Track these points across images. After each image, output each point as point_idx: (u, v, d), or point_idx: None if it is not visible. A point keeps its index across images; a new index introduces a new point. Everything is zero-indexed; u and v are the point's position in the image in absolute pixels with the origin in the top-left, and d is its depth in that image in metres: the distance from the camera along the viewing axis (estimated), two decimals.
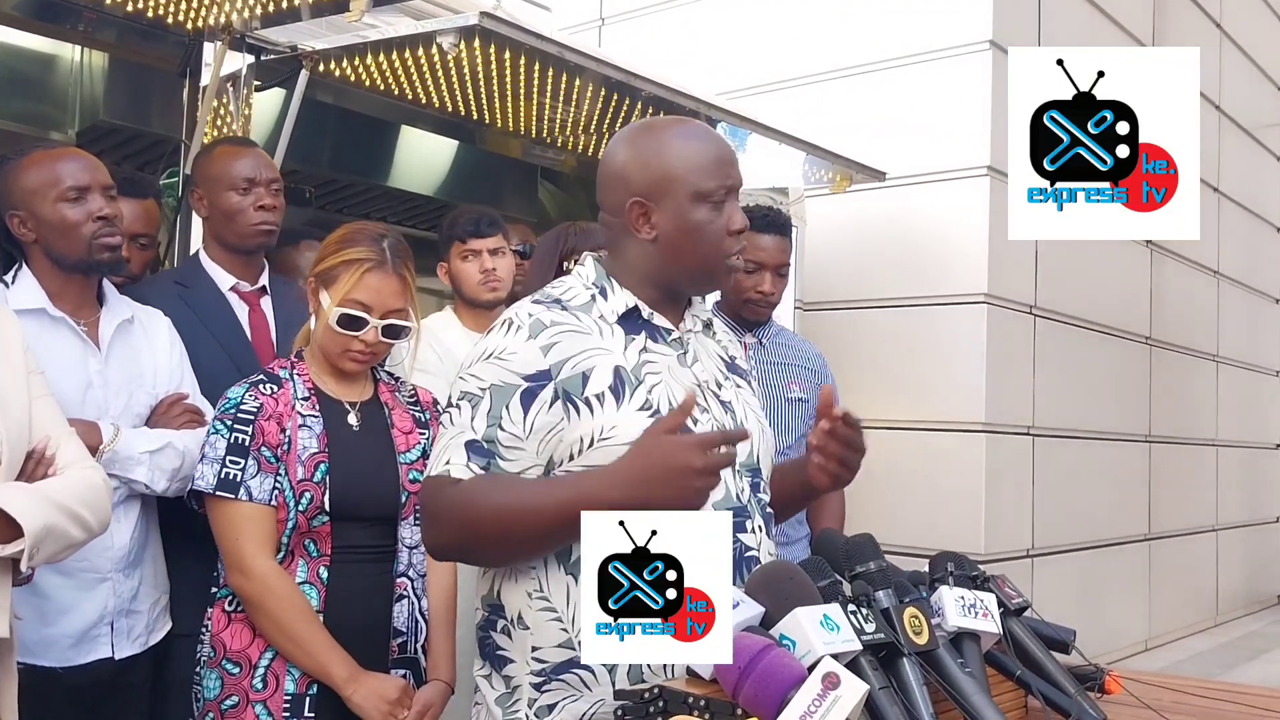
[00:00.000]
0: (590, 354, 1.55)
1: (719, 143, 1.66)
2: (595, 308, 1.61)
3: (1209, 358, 7.62)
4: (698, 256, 1.61)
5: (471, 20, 2.99)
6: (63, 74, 3.82)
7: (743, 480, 1.63)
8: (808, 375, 3.04)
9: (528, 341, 1.53)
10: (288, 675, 1.98)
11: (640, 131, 1.66)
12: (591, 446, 1.52)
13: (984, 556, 4.90)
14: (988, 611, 1.47)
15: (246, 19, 3.14)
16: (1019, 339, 5.37)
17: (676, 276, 1.64)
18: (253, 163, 2.50)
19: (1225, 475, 7.84)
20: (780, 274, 3.00)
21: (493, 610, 1.61)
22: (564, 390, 1.52)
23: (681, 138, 1.63)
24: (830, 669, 1.15)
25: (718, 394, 1.67)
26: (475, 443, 1.52)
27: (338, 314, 2.06)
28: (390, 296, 2.08)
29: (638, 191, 1.60)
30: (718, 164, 1.61)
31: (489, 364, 1.54)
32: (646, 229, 1.60)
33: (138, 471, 2.07)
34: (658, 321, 1.64)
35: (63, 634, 2.03)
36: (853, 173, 4.66)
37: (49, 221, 2.07)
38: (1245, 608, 8.12)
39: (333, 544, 2.02)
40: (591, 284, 1.64)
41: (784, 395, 2.99)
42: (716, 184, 1.59)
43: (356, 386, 2.15)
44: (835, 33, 5.54)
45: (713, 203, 1.59)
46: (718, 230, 1.60)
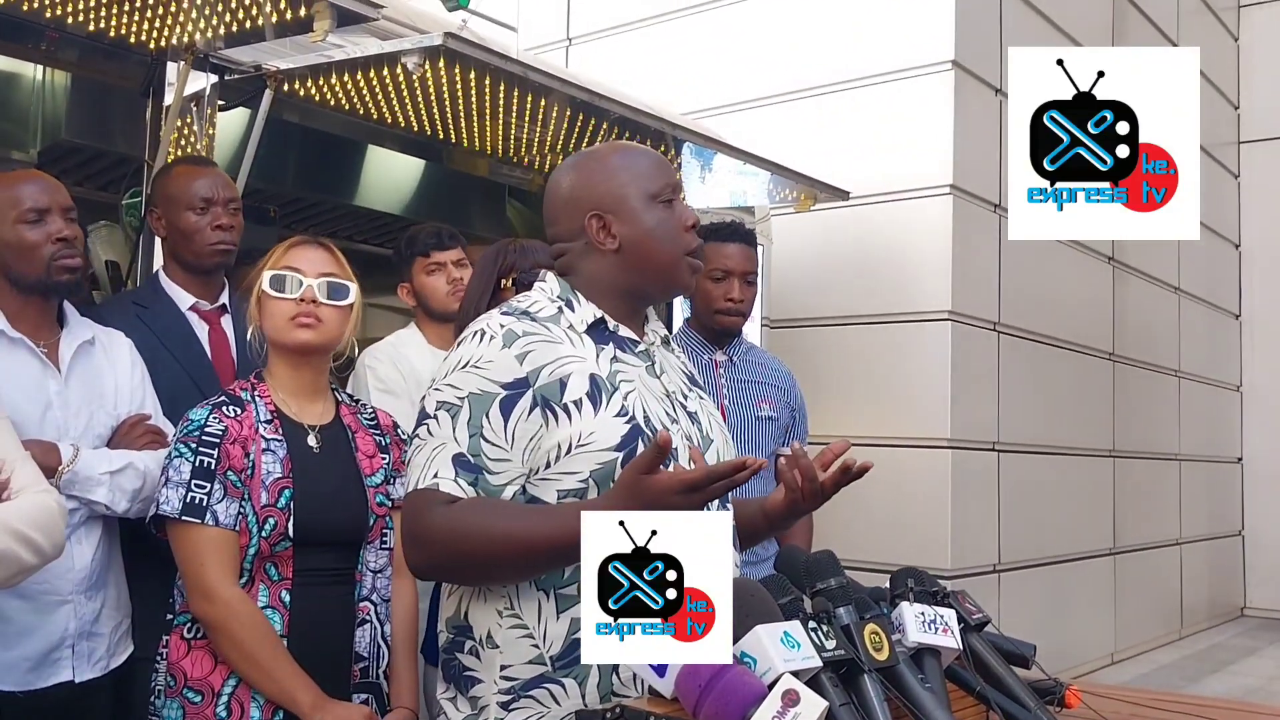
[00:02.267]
0: (564, 361, 1.57)
1: (652, 151, 1.75)
2: (563, 318, 1.63)
3: (1171, 373, 7.71)
4: (662, 256, 1.66)
5: (436, 41, 2.99)
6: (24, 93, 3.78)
7: None
8: (777, 394, 3.06)
9: (503, 350, 1.55)
10: (252, 702, 1.94)
11: (579, 158, 1.74)
12: (569, 453, 1.53)
13: (950, 571, 4.92)
14: (948, 627, 1.48)
15: (210, 39, 3.12)
16: (983, 355, 5.42)
17: (643, 283, 1.68)
18: (210, 182, 2.49)
19: (1189, 489, 7.93)
20: (748, 281, 3.02)
21: (458, 632, 1.61)
22: (542, 397, 1.53)
23: (619, 152, 1.71)
24: (790, 686, 1.16)
25: (684, 404, 1.70)
26: (461, 456, 1.52)
27: (268, 277, 2.04)
28: (319, 263, 2.07)
29: (594, 207, 1.65)
30: (658, 167, 1.69)
31: (466, 373, 1.55)
32: (609, 240, 1.65)
33: (98, 492, 2.05)
34: (623, 333, 1.67)
35: (22, 657, 2.00)
36: (817, 191, 4.70)
37: (8, 242, 2.06)
38: (1209, 620, 8.20)
39: (294, 567, 1.99)
40: (556, 297, 1.67)
41: (754, 414, 3.00)
42: (663, 183, 1.67)
43: (318, 408, 2.13)
44: (799, 53, 5.59)
45: (663, 202, 1.66)
46: (674, 227, 1.66)
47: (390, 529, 2.10)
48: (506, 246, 2.43)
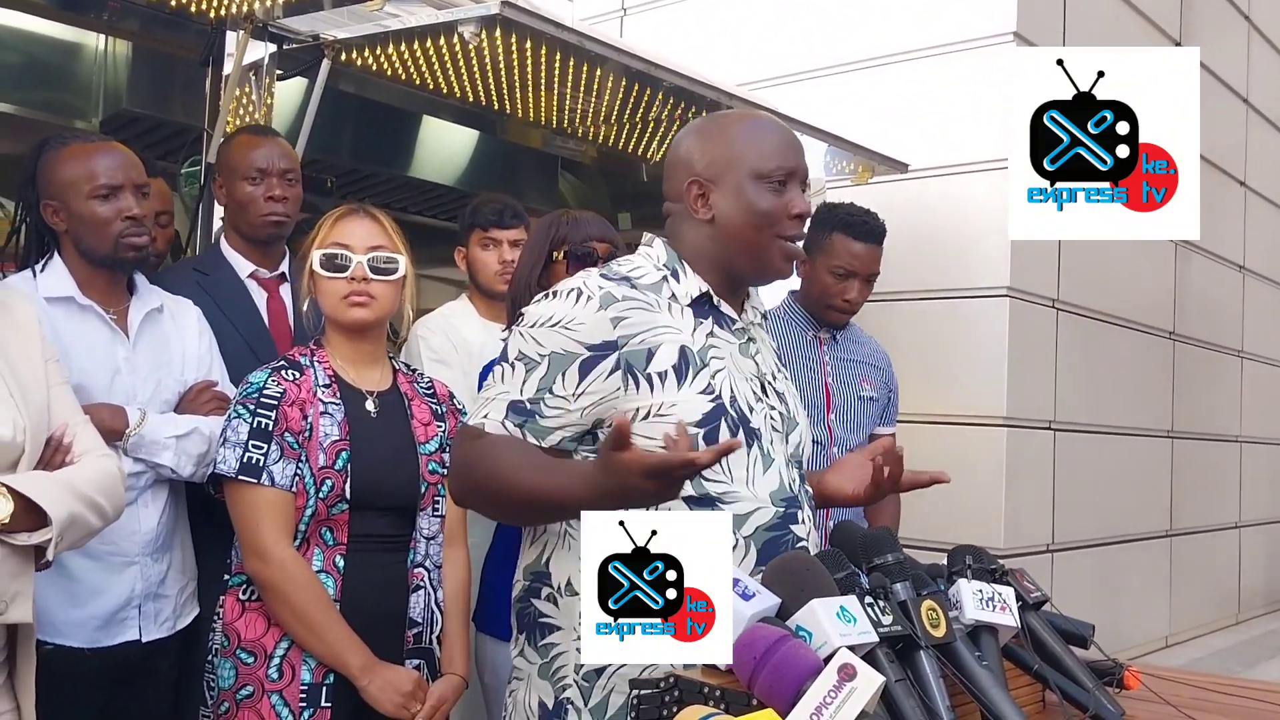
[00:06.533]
0: (658, 332, 1.56)
1: (784, 130, 1.67)
2: (667, 288, 1.62)
3: (1233, 353, 7.55)
4: (750, 238, 1.61)
5: (493, 9, 2.98)
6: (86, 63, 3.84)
7: (793, 470, 1.65)
8: (876, 374, 3.02)
9: (599, 312, 1.54)
10: (304, 665, 1.97)
11: (707, 119, 1.69)
12: (647, 419, 1.53)
13: (1004, 551, 4.87)
14: (1006, 605, 1.46)
15: (269, 8, 3.14)
16: (1041, 333, 5.33)
17: (734, 260, 1.64)
18: (266, 152, 2.51)
19: (1249, 472, 7.77)
20: (869, 281, 2.97)
21: (536, 578, 1.62)
22: (627, 361, 1.53)
23: (745, 122, 1.65)
24: (846, 660, 1.15)
25: (773, 385, 1.69)
26: (519, 403, 1.53)
27: (318, 256, 2.05)
28: (368, 236, 2.07)
29: (697, 173, 1.62)
30: (779, 147, 1.62)
31: (553, 331, 1.54)
32: (704, 209, 1.62)
33: (164, 456, 2.09)
34: (724, 309, 1.65)
35: (91, 615, 2.06)
36: (875, 164, 4.64)
37: (80, 216, 2.10)
38: (1267, 606, 8.05)
39: (349, 532, 2.02)
40: (663, 265, 1.65)
41: (858, 393, 2.95)
42: (775, 165, 1.61)
43: (376, 374, 2.15)
44: (858, 23, 5.50)
45: (772, 184, 1.60)
46: (775, 212, 1.60)
47: (442, 496, 2.11)
48: (559, 219, 2.41)
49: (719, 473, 1.55)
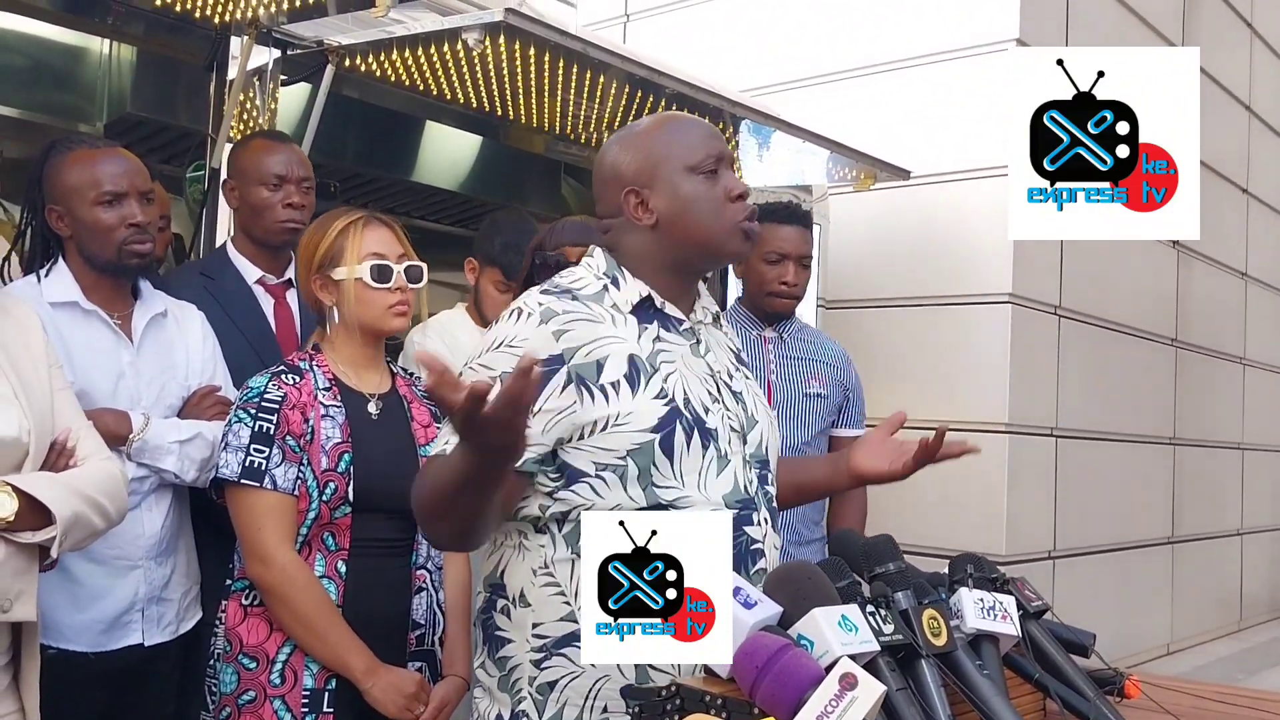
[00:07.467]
0: (603, 342, 1.55)
1: (700, 122, 1.71)
2: (607, 297, 1.62)
3: (1235, 360, 7.54)
4: (700, 229, 1.62)
5: (496, 16, 3.00)
6: (91, 67, 3.86)
7: (750, 472, 1.64)
8: (827, 370, 3.03)
9: (539, 327, 1.53)
10: (306, 670, 1.97)
11: (621, 133, 1.71)
12: (605, 430, 1.52)
13: (1005, 558, 4.87)
14: (1007, 614, 1.46)
15: (273, 13, 3.16)
16: (1043, 339, 5.33)
17: (685, 256, 1.65)
18: (285, 159, 2.51)
19: (1251, 479, 7.77)
20: (803, 265, 2.99)
21: (494, 590, 1.62)
22: (577, 375, 1.52)
23: (663, 124, 1.68)
24: (848, 669, 1.15)
25: (729, 384, 1.68)
26: None
27: (369, 267, 2.06)
28: (391, 244, 2.11)
29: (630, 182, 1.63)
30: (700, 138, 1.65)
31: (499, 353, 1.54)
32: (645, 215, 1.63)
33: (167, 461, 2.10)
34: (670, 311, 1.65)
35: (94, 619, 2.06)
36: (877, 171, 4.64)
37: (84, 222, 2.11)
38: (1269, 613, 8.04)
39: (352, 536, 2.02)
40: (602, 274, 1.65)
41: (802, 390, 2.99)
42: (703, 155, 1.63)
43: (376, 378, 2.15)
44: (860, 30, 5.51)
45: (704, 173, 1.62)
46: (715, 198, 1.62)
47: None
48: (545, 230, 2.44)
49: (670, 479, 1.54)
